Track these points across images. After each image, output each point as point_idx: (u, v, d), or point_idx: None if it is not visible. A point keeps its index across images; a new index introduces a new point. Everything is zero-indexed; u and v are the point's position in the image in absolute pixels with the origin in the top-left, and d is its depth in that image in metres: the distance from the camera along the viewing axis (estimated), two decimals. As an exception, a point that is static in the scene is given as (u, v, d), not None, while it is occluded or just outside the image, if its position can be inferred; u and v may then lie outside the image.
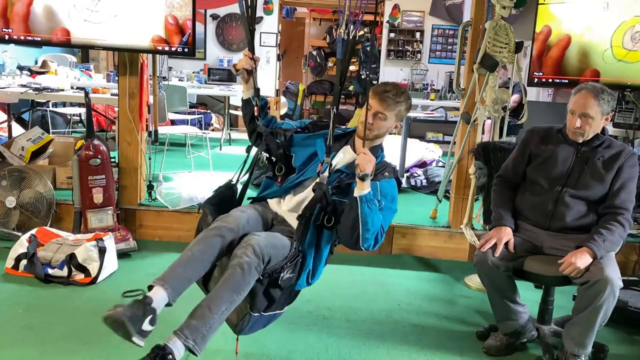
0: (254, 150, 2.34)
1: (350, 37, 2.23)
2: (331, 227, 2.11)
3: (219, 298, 1.89)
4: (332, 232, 2.13)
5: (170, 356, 1.77)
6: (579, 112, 2.41)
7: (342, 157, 2.27)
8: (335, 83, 2.25)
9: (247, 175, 2.32)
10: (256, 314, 2.03)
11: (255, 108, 2.31)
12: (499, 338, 2.55)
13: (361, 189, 2.02)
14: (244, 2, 2.23)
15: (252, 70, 2.26)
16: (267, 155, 2.33)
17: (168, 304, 1.90)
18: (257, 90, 2.30)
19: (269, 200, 2.33)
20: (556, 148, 2.52)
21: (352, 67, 11.36)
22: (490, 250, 2.40)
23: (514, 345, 2.55)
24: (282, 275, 1.99)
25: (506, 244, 2.43)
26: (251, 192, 2.40)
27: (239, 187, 2.35)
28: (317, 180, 2.12)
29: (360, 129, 2.20)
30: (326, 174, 2.12)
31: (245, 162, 2.32)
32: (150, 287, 1.91)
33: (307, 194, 2.19)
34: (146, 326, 1.81)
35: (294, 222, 2.15)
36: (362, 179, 2.01)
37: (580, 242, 2.33)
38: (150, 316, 1.83)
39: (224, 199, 2.26)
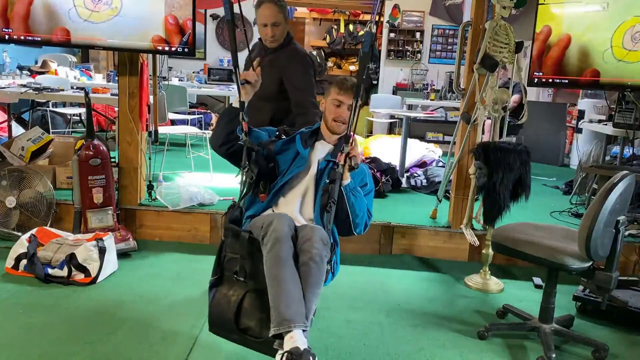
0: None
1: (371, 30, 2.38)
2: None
3: (307, 299, 1.90)
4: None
5: (294, 352, 1.78)
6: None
7: (322, 148, 2.34)
8: (359, 76, 2.21)
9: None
10: None
11: (244, 123, 2.17)
12: None
13: (347, 180, 2.16)
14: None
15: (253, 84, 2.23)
16: (252, 175, 2.20)
17: (305, 330, 1.85)
18: (242, 103, 2.17)
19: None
20: None
21: (352, 67, 11.38)
22: None
23: None
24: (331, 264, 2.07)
25: None
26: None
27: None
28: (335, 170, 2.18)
29: (333, 125, 2.28)
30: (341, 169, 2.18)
31: (244, 183, 2.23)
32: (278, 336, 1.85)
33: (303, 190, 2.25)
34: None
35: (302, 222, 2.21)
36: (352, 169, 2.15)
37: None
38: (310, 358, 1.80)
39: (237, 220, 2.21)
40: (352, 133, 2.21)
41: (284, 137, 2.36)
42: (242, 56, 2.44)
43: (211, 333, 2.13)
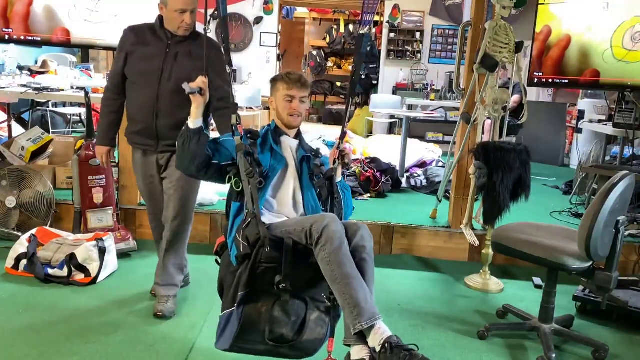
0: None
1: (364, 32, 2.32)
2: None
3: (369, 286, 1.96)
4: None
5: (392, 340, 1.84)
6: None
7: (289, 143, 2.26)
8: (355, 74, 2.27)
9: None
10: None
11: (239, 127, 2.09)
12: None
13: (339, 177, 2.25)
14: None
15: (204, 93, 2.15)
16: (260, 179, 2.10)
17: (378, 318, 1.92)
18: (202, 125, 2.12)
19: (275, 223, 2.16)
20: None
21: (352, 67, 11.38)
22: None
23: None
24: None
25: None
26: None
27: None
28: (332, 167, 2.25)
29: (290, 119, 2.20)
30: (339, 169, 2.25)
31: (253, 188, 2.09)
32: (358, 333, 1.89)
33: (292, 189, 2.20)
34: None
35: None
36: (345, 166, 2.24)
37: None
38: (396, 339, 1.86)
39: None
40: (346, 130, 2.25)
41: (253, 139, 2.22)
42: (243, 57, 2.41)
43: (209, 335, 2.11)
